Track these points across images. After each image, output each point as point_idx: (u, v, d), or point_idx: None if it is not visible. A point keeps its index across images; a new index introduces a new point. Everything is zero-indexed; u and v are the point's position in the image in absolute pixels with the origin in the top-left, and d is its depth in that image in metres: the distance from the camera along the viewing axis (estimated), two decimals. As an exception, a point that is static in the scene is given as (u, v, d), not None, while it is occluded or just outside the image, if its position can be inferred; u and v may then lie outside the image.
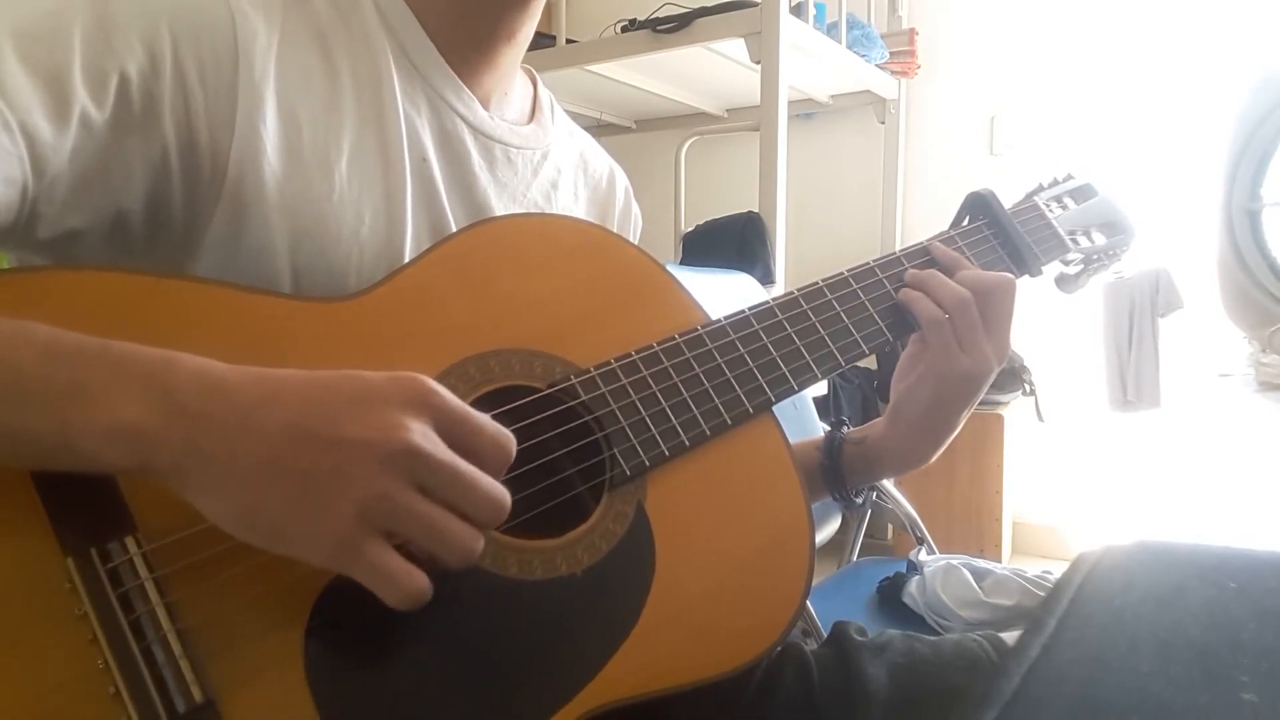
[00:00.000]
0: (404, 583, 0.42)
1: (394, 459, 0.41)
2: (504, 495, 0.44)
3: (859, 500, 0.76)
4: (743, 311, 0.65)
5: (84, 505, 0.43)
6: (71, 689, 0.41)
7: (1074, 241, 0.81)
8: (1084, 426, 2.61)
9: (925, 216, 2.80)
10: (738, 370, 0.62)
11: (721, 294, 1.51)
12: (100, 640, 0.42)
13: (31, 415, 0.41)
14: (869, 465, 0.74)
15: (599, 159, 0.82)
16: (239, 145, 0.55)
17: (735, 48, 2.12)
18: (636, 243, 0.74)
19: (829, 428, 0.76)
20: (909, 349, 0.71)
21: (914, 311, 0.68)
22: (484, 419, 0.45)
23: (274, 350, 0.50)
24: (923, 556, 1.28)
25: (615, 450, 0.56)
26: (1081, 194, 0.85)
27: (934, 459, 0.71)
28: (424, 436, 0.42)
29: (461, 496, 0.43)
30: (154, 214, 0.55)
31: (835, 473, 0.75)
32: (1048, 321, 2.42)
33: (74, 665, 0.41)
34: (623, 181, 0.84)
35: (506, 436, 0.45)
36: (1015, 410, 2.51)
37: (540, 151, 0.73)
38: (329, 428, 0.42)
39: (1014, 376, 2.45)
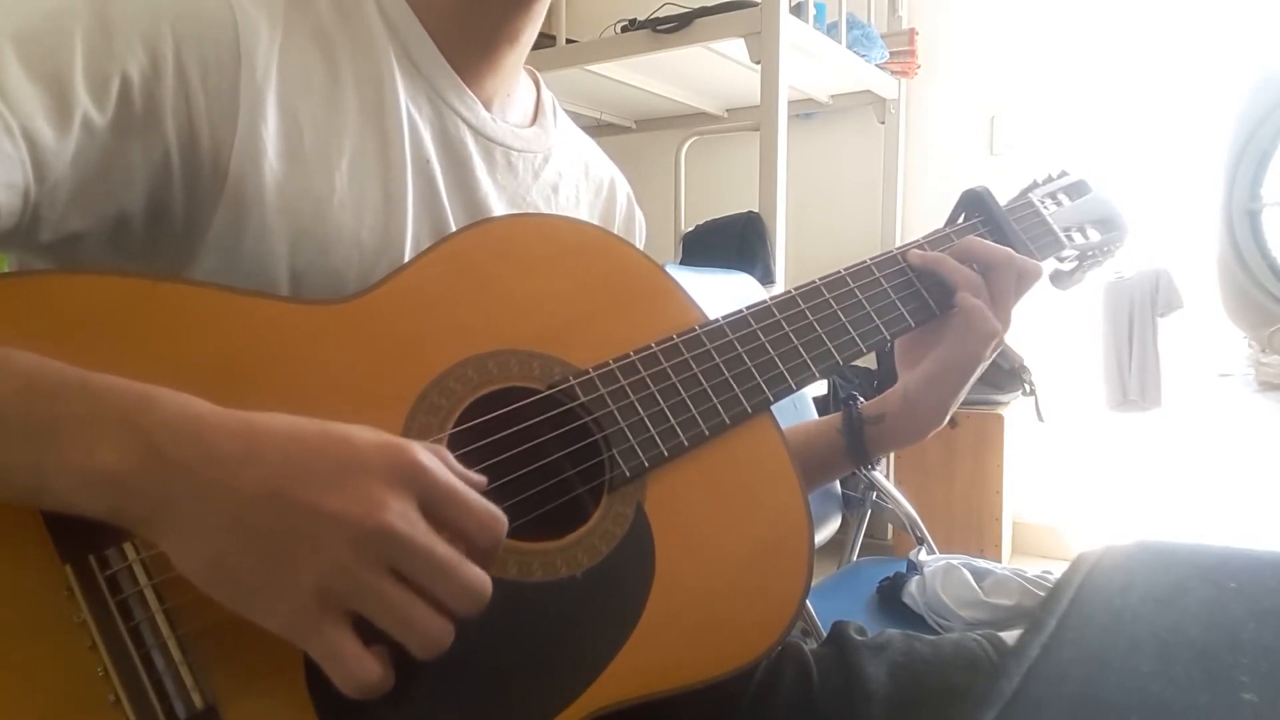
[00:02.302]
0: (355, 671, 0.40)
1: (368, 539, 0.40)
2: (483, 583, 0.42)
3: (877, 468, 0.80)
4: (741, 311, 0.64)
5: None
6: (71, 696, 0.41)
7: (1069, 238, 0.81)
8: (1084, 426, 2.61)
9: (925, 216, 2.80)
10: (736, 370, 0.62)
11: (721, 294, 1.51)
12: (100, 647, 0.42)
13: (6, 452, 0.40)
14: (884, 441, 0.76)
15: (600, 165, 0.81)
16: (240, 146, 0.54)
17: (735, 48, 2.12)
18: (640, 248, 0.74)
19: (844, 403, 0.78)
20: (913, 334, 0.72)
21: (950, 278, 0.70)
22: (473, 497, 0.43)
23: (271, 354, 0.50)
24: (923, 556, 1.28)
25: (614, 451, 0.56)
26: (1075, 190, 0.85)
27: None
28: (402, 517, 0.40)
29: (436, 583, 0.41)
30: (154, 216, 0.55)
31: (860, 451, 0.76)
32: (1048, 321, 2.42)
33: (73, 672, 0.41)
34: (624, 188, 0.84)
35: (495, 517, 0.43)
36: (1015, 410, 2.51)
37: (541, 155, 0.73)
38: (306, 495, 0.40)
39: (1014, 376, 2.44)
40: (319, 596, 0.40)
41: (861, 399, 0.77)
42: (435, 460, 0.43)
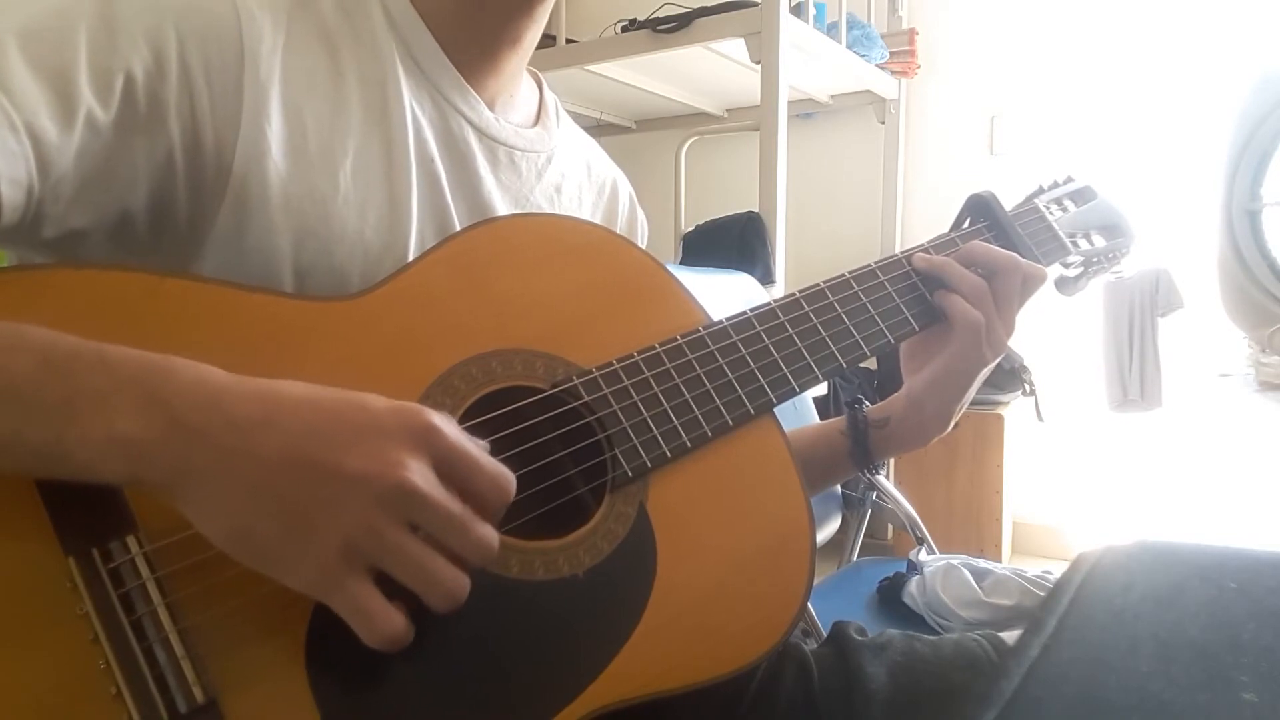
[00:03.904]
0: (380, 624, 0.41)
1: (388, 496, 0.41)
2: (493, 539, 0.44)
3: (881, 472, 0.80)
4: (744, 313, 0.65)
5: (85, 505, 0.43)
6: (73, 689, 0.41)
7: (1074, 244, 0.81)
8: (1084, 426, 2.61)
9: (925, 216, 2.79)
10: (739, 371, 0.62)
11: (721, 294, 1.51)
12: (102, 640, 0.42)
13: (26, 425, 0.40)
14: (888, 445, 0.76)
15: (603, 166, 0.82)
16: (244, 145, 0.55)
17: (735, 48, 2.12)
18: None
19: (849, 406, 0.78)
20: (917, 339, 0.72)
21: (954, 282, 0.70)
22: (484, 458, 0.45)
23: (276, 350, 0.50)
24: (923, 556, 1.29)
25: (617, 451, 0.56)
26: (1081, 196, 0.85)
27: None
28: (420, 475, 0.42)
29: (451, 538, 0.43)
30: (158, 214, 0.55)
31: (863, 454, 0.77)
32: (1048, 321, 2.42)
33: (75, 665, 0.41)
34: (626, 189, 0.84)
35: (506, 477, 0.45)
36: (1015, 410, 2.51)
37: (545, 155, 0.73)
38: (327, 457, 0.41)
39: (1014, 376, 2.44)
40: (342, 555, 0.41)
41: (867, 403, 0.77)
42: (448, 423, 0.44)
